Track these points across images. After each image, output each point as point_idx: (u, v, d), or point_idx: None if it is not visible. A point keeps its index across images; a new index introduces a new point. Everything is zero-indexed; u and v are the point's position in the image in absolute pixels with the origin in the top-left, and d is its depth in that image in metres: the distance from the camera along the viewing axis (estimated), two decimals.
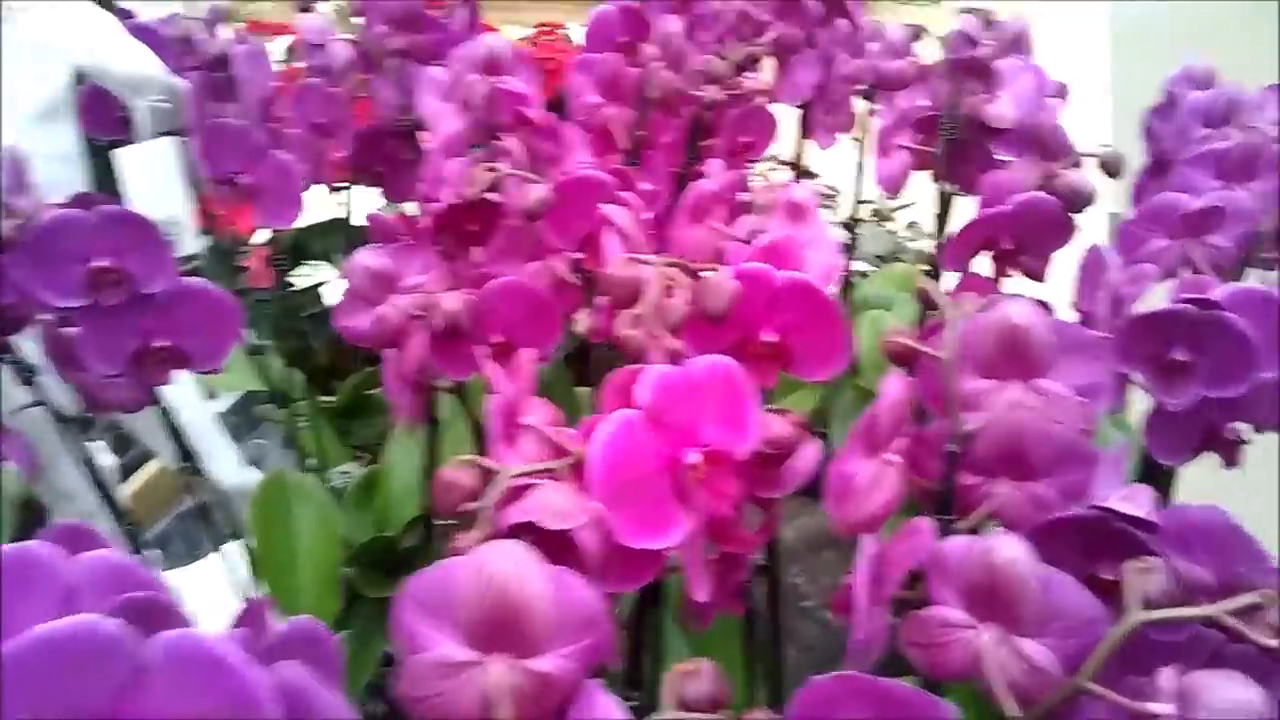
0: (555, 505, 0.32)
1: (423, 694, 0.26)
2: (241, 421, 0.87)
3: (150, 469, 0.82)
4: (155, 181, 0.63)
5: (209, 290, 0.52)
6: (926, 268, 1.04)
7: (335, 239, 0.92)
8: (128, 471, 0.84)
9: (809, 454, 0.42)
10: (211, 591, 0.71)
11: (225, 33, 0.63)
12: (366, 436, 0.86)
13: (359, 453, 0.86)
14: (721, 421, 0.37)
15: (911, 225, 1.16)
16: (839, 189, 1.14)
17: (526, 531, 0.32)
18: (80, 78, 0.62)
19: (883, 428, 0.40)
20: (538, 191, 0.52)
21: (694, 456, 0.36)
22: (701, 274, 0.42)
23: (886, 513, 0.39)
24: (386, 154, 0.78)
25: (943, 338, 0.40)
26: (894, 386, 0.40)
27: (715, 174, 0.55)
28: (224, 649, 0.27)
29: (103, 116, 0.65)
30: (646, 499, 0.36)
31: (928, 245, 1.18)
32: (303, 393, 0.86)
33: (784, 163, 0.87)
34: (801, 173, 0.91)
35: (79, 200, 0.50)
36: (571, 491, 0.33)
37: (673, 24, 0.61)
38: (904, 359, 0.41)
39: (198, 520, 0.77)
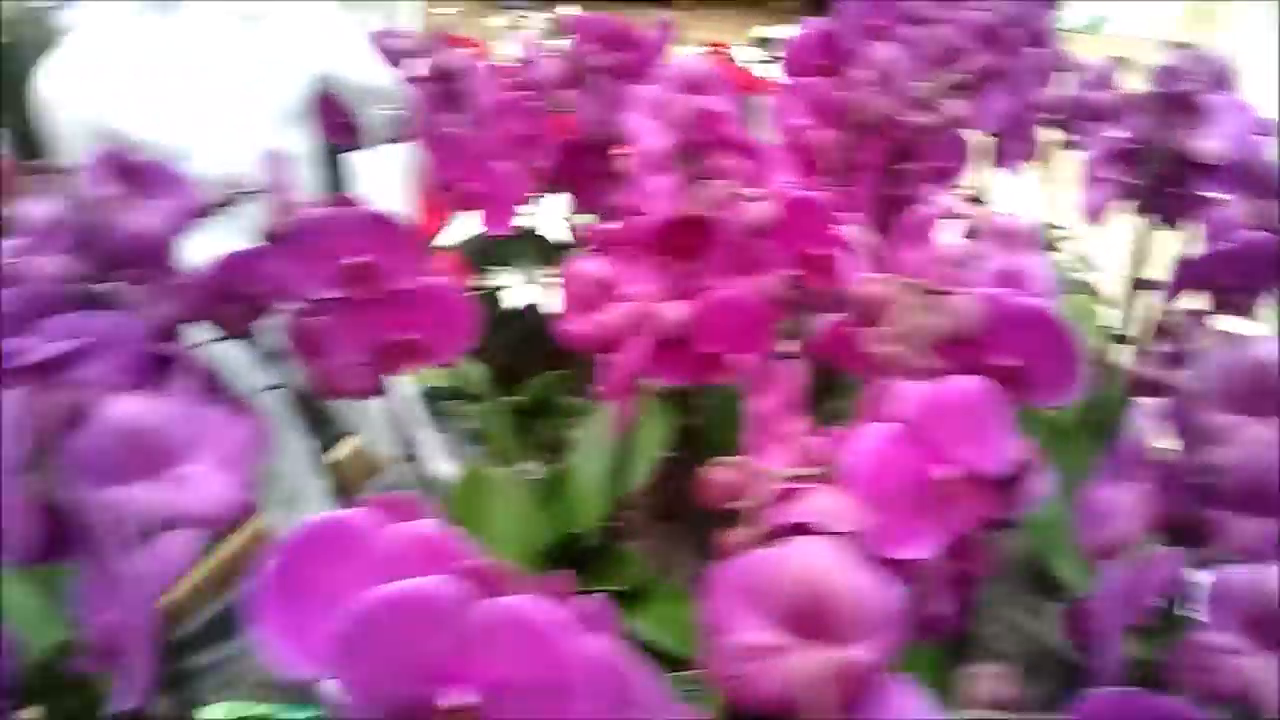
0: (833, 509, 0.33)
1: (730, 673, 0.28)
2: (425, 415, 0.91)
3: (344, 450, 0.86)
4: (383, 186, 0.66)
5: (449, 288, 0.55)
6: (1096, 300, 1.03)
7: (519, 246, 0.95)
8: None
9: (1039, 479, 0.43)
10: None
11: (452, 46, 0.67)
12: (547, 436, 0.89)
13: (538, 452, 0.89)
14: (974, 441, 0.38)
15: (1082, 258, 1.14)
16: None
17: (795, 532, 0.34)
18: (316, 84, 0.66)
19: (1127, 458, 0.40)
20: (764, 209, 0.54)
21: (948, 473, 0.38)
22: (942, 296, 0.44)
23: (1130, 540, 0.39)
24: (582, 166, 0.81)
25: (1190, 371, 0.40)
26: (1139, 417, 0.40)
27: (933, 199, 0.56)
28: (547, 618, 0.29)
29: (332, 122, 0.69)
30: (902, 511, 0.37)
31: (1094, 277, 1.17)
32: (487, 391, 0.89)
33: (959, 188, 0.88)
34: (972, 199, 0.92)
35: (335, 200, 0.54)
36: (843, 497, 0.35)
37: (891, 50, 0.63)
38: (1149, 390, 0.41)
39: None
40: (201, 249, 0.57)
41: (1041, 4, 0.81)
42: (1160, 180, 0.69)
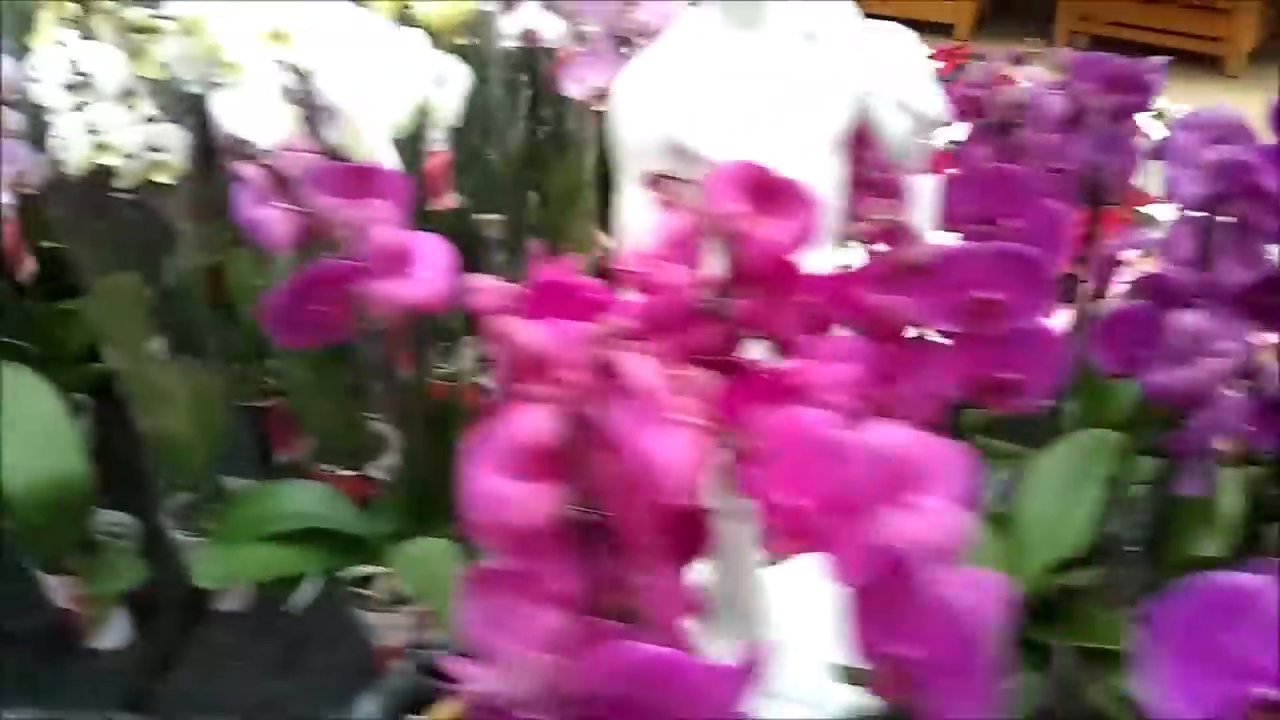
0: None
1: None
2: None
3: None
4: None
5: (1052, 331, 0.55)
6: None
7: None
8: None
9: None
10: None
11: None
12: None
13: None
14: None
15: None
16: None
17: None
18: (866, 104, 0.66)
19: None
20: None
21: None
22: None
23: None
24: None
25: None
26: None
27: None
28: None
29: (860, 154, 0.69)
30: None
31: None
32: None
33: None
34: None
35: (975, 234, 0.54)
36: None
37: None
38: None
39: None
40: None
41: None
42: None
